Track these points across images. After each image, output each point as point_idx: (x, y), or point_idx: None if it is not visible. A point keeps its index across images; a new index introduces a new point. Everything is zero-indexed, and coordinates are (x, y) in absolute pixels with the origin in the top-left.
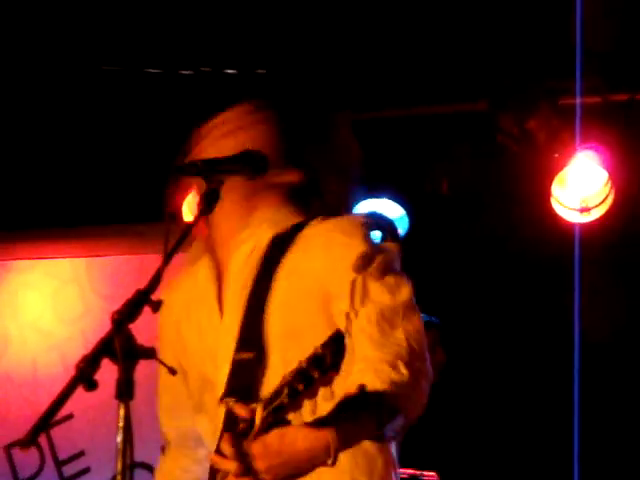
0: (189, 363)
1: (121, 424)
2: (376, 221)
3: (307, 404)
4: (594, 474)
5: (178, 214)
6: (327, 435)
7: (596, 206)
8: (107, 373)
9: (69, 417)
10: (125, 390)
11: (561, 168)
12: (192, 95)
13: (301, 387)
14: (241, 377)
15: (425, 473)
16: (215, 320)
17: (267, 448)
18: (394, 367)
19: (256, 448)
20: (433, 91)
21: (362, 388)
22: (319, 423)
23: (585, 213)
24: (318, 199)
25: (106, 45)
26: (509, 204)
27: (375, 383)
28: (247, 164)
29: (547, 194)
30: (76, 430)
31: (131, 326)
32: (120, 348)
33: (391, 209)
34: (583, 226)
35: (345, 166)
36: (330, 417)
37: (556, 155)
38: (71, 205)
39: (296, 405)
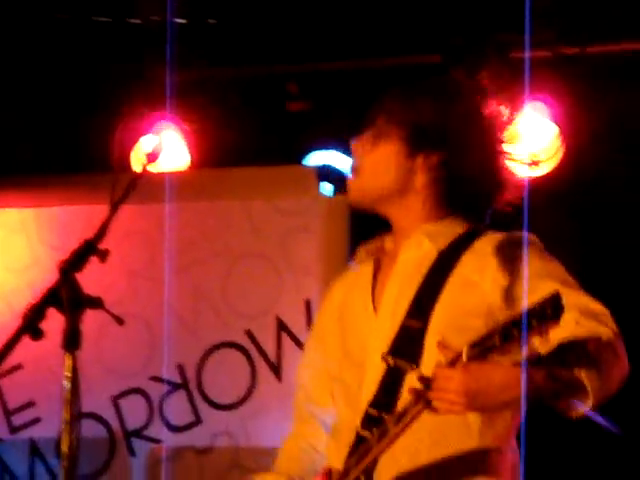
0: (341, 345)
1: (68, 374)
2: (327, 173)
3: (518, 350)
4: None
5: (127, 164)
6: (526, 376)
7: (546, 160)
8: (55, 323)
9: (17, 367)
10: (71, 340)
11: (511, 122)
12: (139, 45)
13: (515, 333)
14: (405, 343)
15: None
16: (369, 310)
17: (469, 373)
18: (606, 323)
19: (458, 372)
20: (385, 44)
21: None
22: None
23: (534, 167)
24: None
25: None
26: None
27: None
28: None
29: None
30: (25, 380)
31: (79, 276)
32: (66, 297)
33: (342, 161)
34: (533, 180)
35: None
36: (536, 361)
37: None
38: (19, 154)
39: (505, 349)
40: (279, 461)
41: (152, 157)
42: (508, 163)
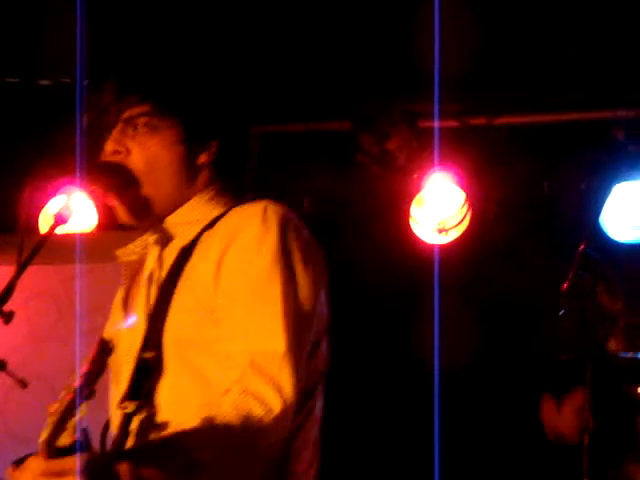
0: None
1: None
2: None
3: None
4: None
5: (34, 225)
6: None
7: (453, 227)
8: None
9: None
10: None
11: (419, 189)
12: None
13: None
14: (142, 378)
15: None
16: (119, 317)
17: (64, 470)
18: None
19: (52, 467)
20: (295, 109)
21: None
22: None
23: (443, 233)
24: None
25: None
26: (369, 224)
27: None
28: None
29: (406, 215)
30: None
31: None
32: None
33: None
34: (442, 247)
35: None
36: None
37: (415, 176)
38: None
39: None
40: None
41: (61, 219)
42: (416, 230)
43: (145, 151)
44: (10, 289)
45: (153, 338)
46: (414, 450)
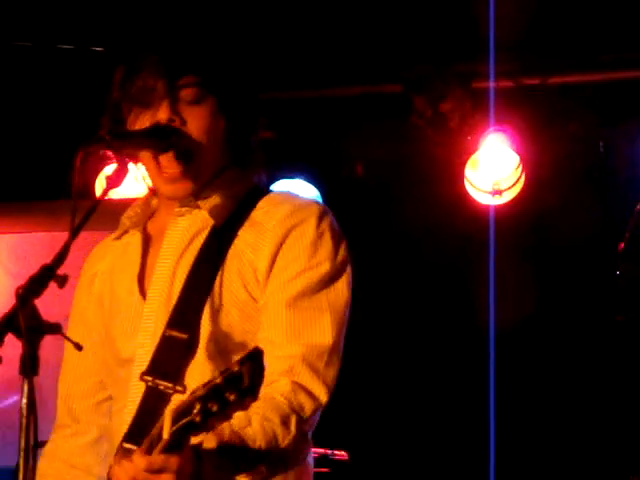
0: (106, 337)
1: (24, 401)
2: None
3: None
4: (508, 459)
5: (89, 190)
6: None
7: (508, 189)
8: (15, 349)
9: None
10: (29, 366)
11: (474, 151)
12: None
13: (215, 408)
14: (167, 356)
15: (336, 452)
16: (135, 295)
17: (166, 468)
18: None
19: (158, 464)
20: (349, 72)
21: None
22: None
23: (497, 196)
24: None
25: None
26: (424, 187)
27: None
28: (158, 137)
29: (461, 176)
30: None
31: (37, 302)
32: (24, 323)
33: (305, 190)
34: (497, 208)
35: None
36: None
37: (469, 138)
38: None
39: (209, 426)
40: None
41: (112, 182)
42: (471, 191)
43: (198, 120)
44: (64, 254)
45: (186, 318)
46: (469, 412)
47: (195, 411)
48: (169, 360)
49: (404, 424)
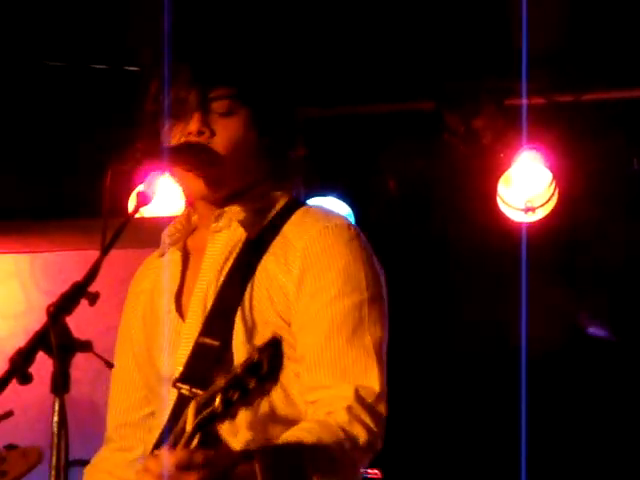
0: (147, 356)
1: (56, 418)
2: None
3: (243, 414)
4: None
5: (121, 208)
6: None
7: (540, 206)
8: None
9: (9, 414)
10: (60, 384)
11: (506, 168)
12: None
13: (235, 396)
14: (200, 364)
15: (369, 471)
16: (173, 314)
17: (192, 463)
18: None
19: (182, 459)
20: (381, 90)
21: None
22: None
23: (530, 213)
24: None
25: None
26: (456, 204)
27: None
28: (192, 155)
29: (493, 194)
30: (16, 428)
31: (69, 320)
32: (55, 341)
33: (338, 208)
34: (529, 226)
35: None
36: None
37: (502, 155)
38: (13, 199)
39: (231, 414)
40: None
41: (143, 199)
42: (504, 209)
43: (228, 132)
44: (95, 271)
45: (218, 326)
46: (501, 437)
47: (217, 402)
48: (202, 367)
49: (436, 442)
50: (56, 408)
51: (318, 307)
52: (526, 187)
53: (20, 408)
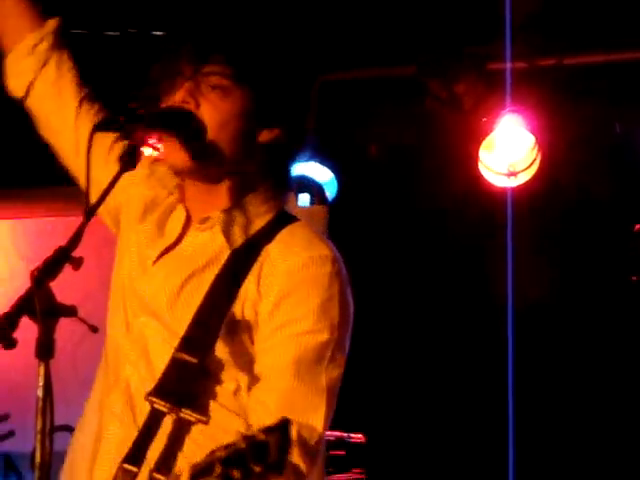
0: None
1: (41, 383)
2: (304, 184)
3: None
4: (528, 438)
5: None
6: None
7: (523, 170)
8: (31, 333)
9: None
10: (45, 349)
11: (488, 132)
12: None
13: (237, 476)
14: (176, 379)
15: (352, 435)
16: (148, 268)
17: None
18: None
19: None
20: (362, 55)
21: None
22: None
23: (512, 177)
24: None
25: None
26: (438, 168)
27: None
28: (176, 124)
29: (476, 158)
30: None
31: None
32: (39, 306)
33: (320, 173)
34: (514, 190)
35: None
36: None
37: (484, 119)
38: None
39: None
40: None
41: (126, 163)
42: (486, 174)
43: (214, 110)
44: (79, 236)
45: (198, 343)
46: (487, 393)
47: (216, 474)
48: (177, 383)
49: (421, 406)
50: (41, 373)
51: (287, 335)
52: (508, 151)
53: (3, 373)
